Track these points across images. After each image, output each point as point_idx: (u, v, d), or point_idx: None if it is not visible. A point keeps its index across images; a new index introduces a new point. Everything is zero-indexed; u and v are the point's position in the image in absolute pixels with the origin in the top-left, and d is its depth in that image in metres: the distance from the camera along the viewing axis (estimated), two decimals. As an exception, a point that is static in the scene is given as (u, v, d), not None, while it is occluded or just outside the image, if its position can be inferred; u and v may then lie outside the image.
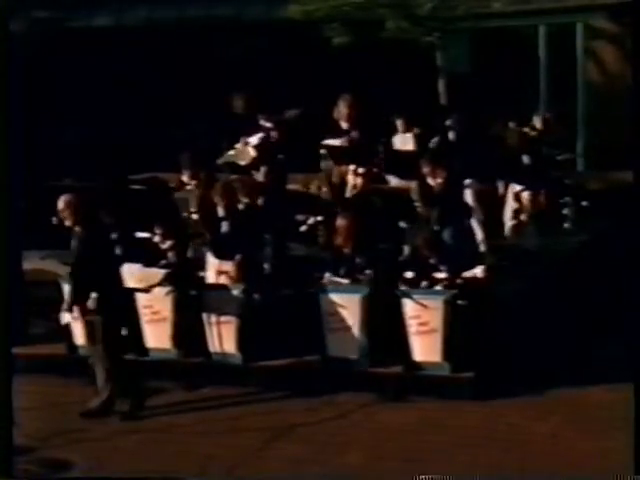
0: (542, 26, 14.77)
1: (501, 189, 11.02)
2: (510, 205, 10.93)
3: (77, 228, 8.18)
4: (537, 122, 11.68)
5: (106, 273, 8.17)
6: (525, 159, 11.08)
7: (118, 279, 8.37)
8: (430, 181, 9.48)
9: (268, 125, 10.31)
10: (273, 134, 10.32)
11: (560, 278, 10.04)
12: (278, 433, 7.67)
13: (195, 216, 9.87)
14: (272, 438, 7.59)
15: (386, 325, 8.51)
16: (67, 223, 8.23)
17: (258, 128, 10.35)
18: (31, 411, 7.85)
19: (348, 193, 10.19)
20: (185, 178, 10.56)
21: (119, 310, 8.29)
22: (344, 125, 10.27)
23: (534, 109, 12.57)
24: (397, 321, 8.45)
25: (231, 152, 10.45)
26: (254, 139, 10.33)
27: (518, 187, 10.89)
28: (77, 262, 8.21)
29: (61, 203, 8.24)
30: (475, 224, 9.96)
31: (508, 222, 10.97)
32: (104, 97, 16.61)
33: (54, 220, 8.32)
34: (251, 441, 7.52)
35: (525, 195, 10.83)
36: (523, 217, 10.84)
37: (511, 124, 11.49)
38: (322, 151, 10.27)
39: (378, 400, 8.22)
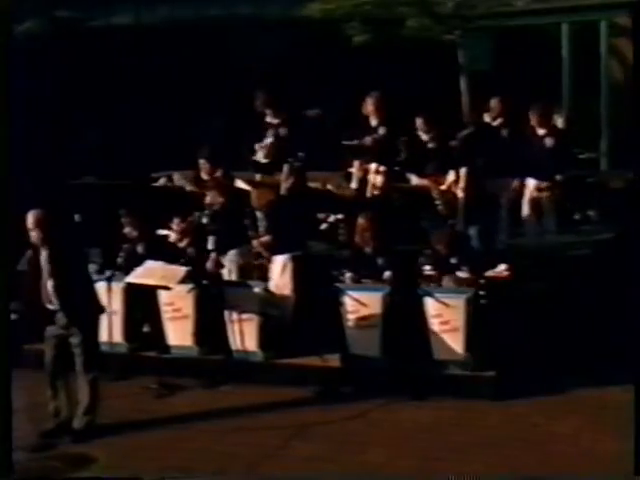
0: (565, 24, 14.68)
1: (518, 186, 10.94)
2: (527, 202, 10.86)
3: (44, 247, 7.49)
4: (559, 121, 11.61)
5: (79, 291, 7.60)
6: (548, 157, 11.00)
7: (90, 297, 7.78)
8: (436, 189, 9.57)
9: (276, 122, 10.34)
10: (282, 130, 10.34)
11: (582, 277, 9.98)
12: (298, 431, 7.66)
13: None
14: (292, 436, 7.58)
15: (407, 323, 8.49)
16: (35, 241, 7.48)
17: (268, 125, 10.40)
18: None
19: (369, 191, 10.18)
20: (204, 176, 10.59)
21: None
22: (373, 122, 10.27)
23: (557, 108, 12.48)
24: (419, 320, 8.43)
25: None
26: (270, 137, 10.39)
27: (535, 183, 10.82)
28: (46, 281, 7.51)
29: (30, 220, 7.45)
30: (497, 223, 9.92)
31: (526, 218, 10.89)
32: (123, 96, 16.65)
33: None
34: (271, 439, 7.52)
35: (543, 190, 10.76)
36: (543, 210, 10.75)
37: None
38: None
39: (398, 399, 8.19)
